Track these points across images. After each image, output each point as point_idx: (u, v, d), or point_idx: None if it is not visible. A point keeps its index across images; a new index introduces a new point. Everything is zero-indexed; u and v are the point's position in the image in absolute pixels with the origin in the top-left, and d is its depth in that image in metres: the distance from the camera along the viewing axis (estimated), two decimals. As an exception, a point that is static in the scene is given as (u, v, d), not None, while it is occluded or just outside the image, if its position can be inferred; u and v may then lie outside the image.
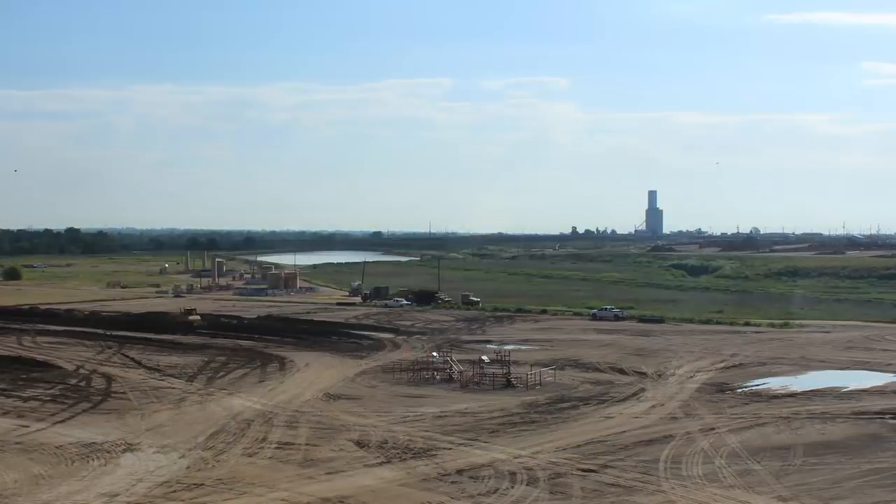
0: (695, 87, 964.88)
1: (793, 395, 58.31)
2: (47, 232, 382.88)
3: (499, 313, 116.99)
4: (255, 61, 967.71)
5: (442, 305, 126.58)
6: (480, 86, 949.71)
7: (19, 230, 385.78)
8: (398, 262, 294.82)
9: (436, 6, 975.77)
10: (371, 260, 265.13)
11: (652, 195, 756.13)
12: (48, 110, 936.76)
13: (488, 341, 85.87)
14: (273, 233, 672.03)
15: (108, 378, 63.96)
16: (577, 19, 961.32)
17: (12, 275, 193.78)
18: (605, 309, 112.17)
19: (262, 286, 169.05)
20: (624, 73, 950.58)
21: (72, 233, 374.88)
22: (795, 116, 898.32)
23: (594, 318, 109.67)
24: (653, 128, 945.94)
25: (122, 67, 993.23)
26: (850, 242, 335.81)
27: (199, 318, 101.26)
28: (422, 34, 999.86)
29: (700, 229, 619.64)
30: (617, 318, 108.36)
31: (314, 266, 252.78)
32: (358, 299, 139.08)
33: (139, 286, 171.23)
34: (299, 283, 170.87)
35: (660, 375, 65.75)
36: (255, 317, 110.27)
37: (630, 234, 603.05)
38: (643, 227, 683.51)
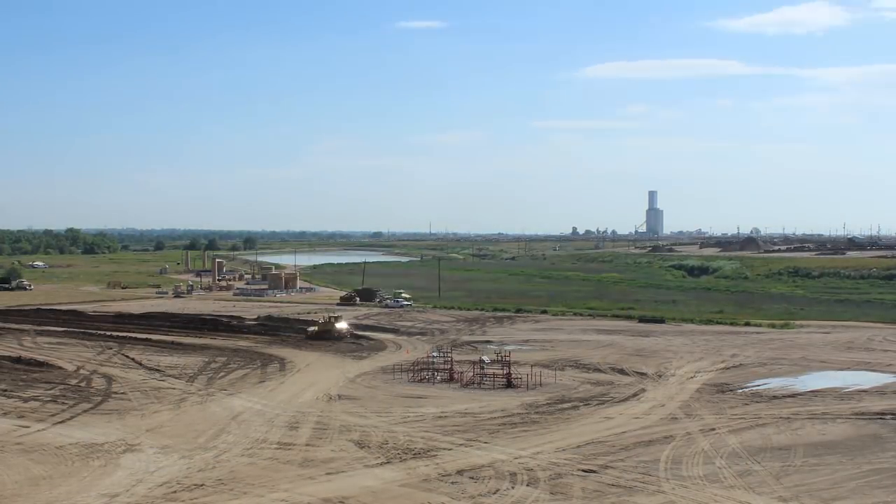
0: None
1: (793, 395, 58.27)
2: (47, 232, 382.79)
3: (499, 314, 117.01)
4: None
5: None
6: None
7: (19, 230, 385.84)
8: (398, 263, 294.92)
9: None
10: (371, 260, 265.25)
11: (652, 195, 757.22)
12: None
13: (489, 342, 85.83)
14: (273, 233, 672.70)
15: (109, 378, 63.94)
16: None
17: (13, 275, 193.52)
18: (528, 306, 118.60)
19: (263, 286, 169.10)
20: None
21: (72, 233, 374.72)
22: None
23: (517, 312, 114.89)
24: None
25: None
26: (851, 243, 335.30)
27: None
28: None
29: (700, 230, 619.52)
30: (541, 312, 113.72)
31: (314, 266, 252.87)
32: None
33: (140, 286, 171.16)
34: (299, 284, 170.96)
35: (660, 376, 65.75)
36: (254, 317, 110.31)
37: (630, 235, 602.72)
38: (643, 227, 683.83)
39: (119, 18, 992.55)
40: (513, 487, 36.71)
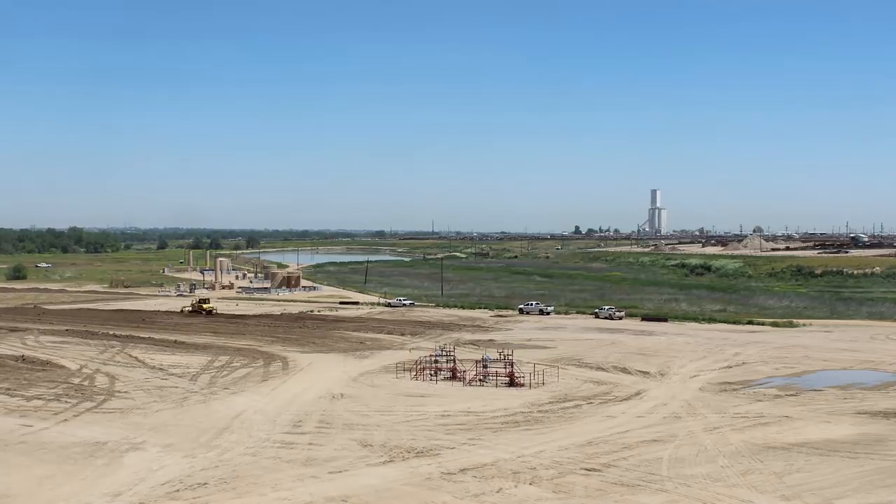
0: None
1: (796, 394, 58.26)
2: (50, 231, 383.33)
3: (502, 312, 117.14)
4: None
5: None
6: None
7: (22, 230, 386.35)
8: (401, 262, 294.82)
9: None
10: (374, 259, 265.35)
11: (654, 194, 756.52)
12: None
13: (491, 340, 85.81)
14: (276, 232, 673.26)
15: (112, 377, 64.02)
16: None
17: (18, 274, 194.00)
18: (531, 304, 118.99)
19: (265, 285, 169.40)
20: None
21: (75, 232, 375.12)
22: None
23: (521, 312, 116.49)
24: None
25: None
26: (854, 241, 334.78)
27: None
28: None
29: (703, 228, 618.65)
30: (542, 312, 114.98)
31: (316, 266, 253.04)
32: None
33: (143, 285, 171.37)
34: (302, 283, 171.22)
35: (663, 375, 65.75)
36: (257, 315, 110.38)
37: (633, 234, 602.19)
38: (646, 226, 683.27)
39: (116, 16, 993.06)
40: (516, 486, 36.69)
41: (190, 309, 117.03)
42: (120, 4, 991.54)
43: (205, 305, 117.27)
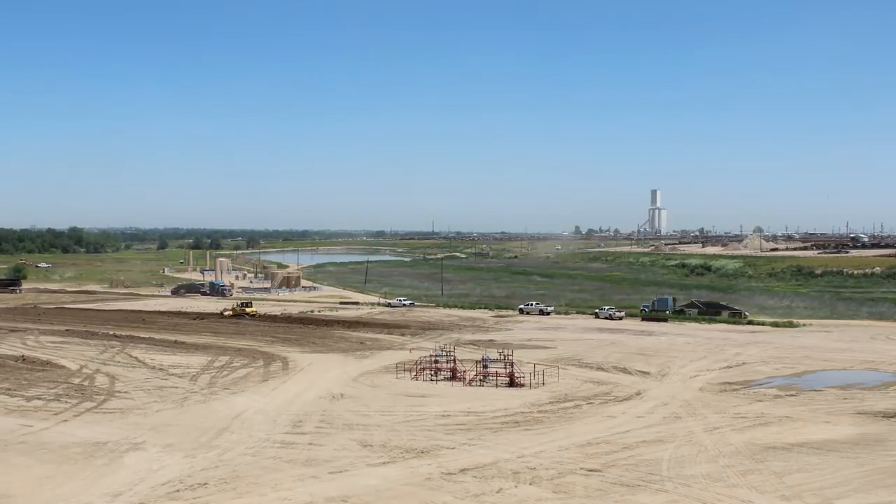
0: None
1: (796, 394, 58.28)
2: (50, 231, 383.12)
3: (502, 312, 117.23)
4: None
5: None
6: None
7: (22, 230, 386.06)
8: (401, 262, 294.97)
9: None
10: (374, 259, 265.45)
11: (654, 194, 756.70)
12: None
13: (491, 340, 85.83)
14: (276, 232, 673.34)
15: (112, 377, 64.05)
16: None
17: (18, 275, 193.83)
18: (531, 304, 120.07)
19: (266, 285, 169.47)
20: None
21: (75, 232, 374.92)
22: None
23: (521, 312, 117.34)
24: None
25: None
26: (854, 241, 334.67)
27: None
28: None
29: (703, 228, 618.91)
30: (542, 312, 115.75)
31: (316, 266, 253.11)
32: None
33: (144, 285, 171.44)
34: (302, 283, 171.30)
35: (663, 375, 65.77)
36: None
37: (633, 234, 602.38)
38: (646, 226, 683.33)
39: (116, 16, 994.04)
40: (516, 486, 36.69)
41: (231, 313, 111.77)
42: (119, 4, 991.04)
43: (248, 309, 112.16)
